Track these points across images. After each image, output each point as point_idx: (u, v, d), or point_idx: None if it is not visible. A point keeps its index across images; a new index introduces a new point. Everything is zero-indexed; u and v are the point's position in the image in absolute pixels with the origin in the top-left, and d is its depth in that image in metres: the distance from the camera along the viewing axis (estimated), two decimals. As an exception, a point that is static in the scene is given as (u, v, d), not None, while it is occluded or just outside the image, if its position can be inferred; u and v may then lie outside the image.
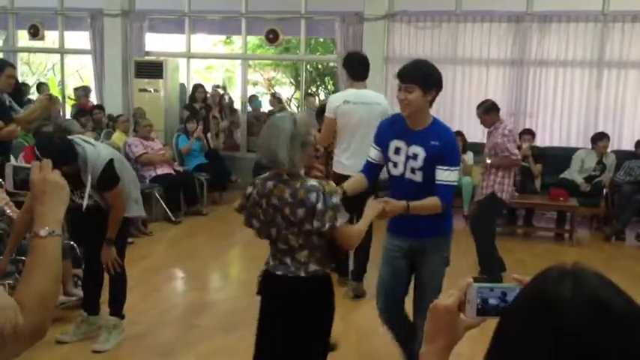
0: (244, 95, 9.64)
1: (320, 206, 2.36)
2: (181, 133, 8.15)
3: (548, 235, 7.35)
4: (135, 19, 9.28)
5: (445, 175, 2.88)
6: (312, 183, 2.41)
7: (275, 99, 9.98)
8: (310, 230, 2.40)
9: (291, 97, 13.96)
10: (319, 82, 14.51)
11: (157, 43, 9.97)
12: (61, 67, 10.47)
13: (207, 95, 9.00)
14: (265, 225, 2.50)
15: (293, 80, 14.37)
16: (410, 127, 2.96)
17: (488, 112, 5.30)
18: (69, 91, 10.38)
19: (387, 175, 3.19)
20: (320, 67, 13.95)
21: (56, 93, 10.42)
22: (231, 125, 9.39)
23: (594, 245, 6.81)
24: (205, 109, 8.68)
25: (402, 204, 2.82)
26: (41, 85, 9.68)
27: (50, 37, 10.43)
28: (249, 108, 9.67)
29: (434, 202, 2.88)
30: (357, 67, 4.72)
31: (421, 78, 2.88)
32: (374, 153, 3.16)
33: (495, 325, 0.91)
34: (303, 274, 2.49)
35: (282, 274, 2.51)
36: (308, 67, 12.26)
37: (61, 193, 1.31)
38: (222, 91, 9.43)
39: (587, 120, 8.05)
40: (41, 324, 1.20)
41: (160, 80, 8.91)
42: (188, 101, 8.99)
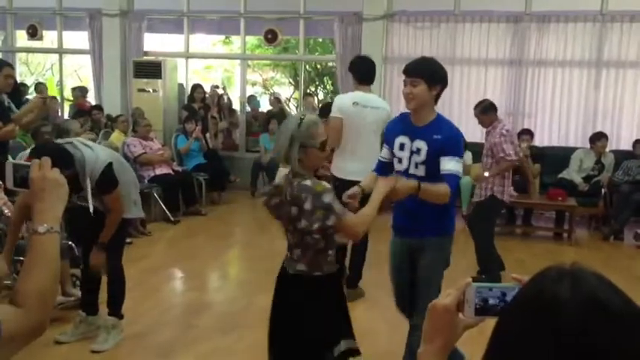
0: (243, 95, 9.64)
1: (308, 206, 2.36)
2: (180, 133, 8.15)
3: (546, 235, 7.35)
4: (133, 19, 9.28)
5: (451, 165, 2.86)
6: (305, 183, 2.40)
7: (275, 99, 9.98)
8: (303, 229, 2.41)
9: (290, 97, 13.95)
10: (318, 82, 14.50)
11: (155, 43, 9.96)
12: (60, 67, 10.46)
13: (206, 95, 9.00)
14: (277, 218, 2.58)
15: (292, 80, 14.36)
16: (414, 124, 3.00)
17: (485, 111, 5.31)
18: (67, 92, 10.36)
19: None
20: (319, 67, 13.94)
21: (55, 93, 10.42)
22: (230, 125, 9.40)
23: (593, 245, 6.81)
24: (204, 109, 8.67)
25: (413, 183, 2.78)
26: (39, 85, 9.66)
27: (49, 37, 10.41)
28: (247, 108, 9.67)
29: (444, 188, 2.82)
30: (364, 72, 4.65)
31: (427, 72, 2.93)
32: (385, 152, 3.20)
33: (494, 325, 0.91)
34: (290, 271, 2.52)
35: (284, 266, 2.59)
36: (307, 67, 12.25)
37: (61, 190, 1.31)
38: (221, 92, 9.42)
39: (585, 120, 8.06)
40: (40, 322, 1.20)
41: (159, 80, 8.91)
42: (187, 101, 8.98)
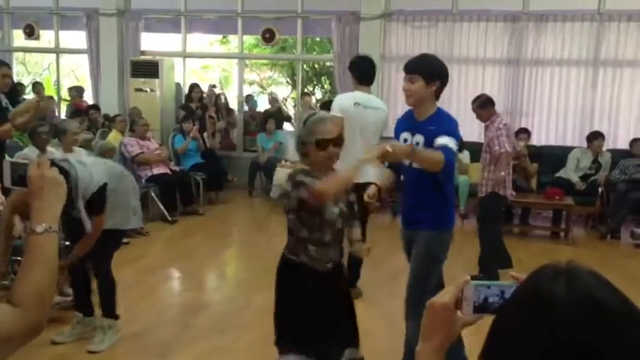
0: (240, 95, 9.63)
1: (289, 188, 2.63)
2: (177, 132, 8.14)
3: (544, 234, 7.36)
4: (131, 18, 9.27)
5: (444, 140, 2.83)
6: (289, 171, 2.75)
7: (272, 99, 9.98)
8: (287, 212, 2.66)
9: (288, 96, 13.94)
10: (316, 82, 14.49)
11: (152, 42, 9.95)
12: (57, 66, 10.43)
13: (204, 95, 8.98)
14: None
15: (289, 80, 14.36)
16: (416, 119, 3.04)
17: (483, 106, 5.32)
18: (64, 91, 10.34)
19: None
20: (316, 66, 13.94)
21: (52, 93, 10.42)
22: (228, 125, 9.39)
23: (590, 244, 6.83)
24: (201, 108, 8.66)
25: (406, 146, 2.81)
26: (37, 85, 9.64)
27: (46, 37, 10.40)
28: (245, 107, 9.66)
29: (439, 155, 2.79)
30: (364, 71, 4.62)
31: (424, 69, 2.98)
32: None
33: (491, 322, 0.91)
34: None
35: None
36: (304, 66, 12.23)
37: (59, 190, 1.30)
38: (218, 91, 9.41)
39: (582, 119, 8.07)
40: (38, 322, 1.20)
41: (156, 80, 8.89)
42: (184, 101, 8.96)
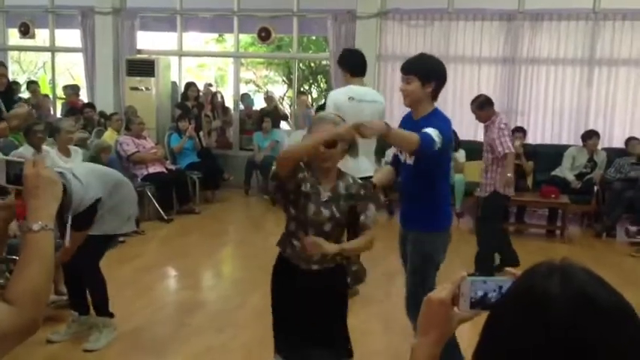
0: (237, 93, 9.62)
1: None
2: (173, 131, 8.13)
3: (539, 232, 7.38)
4: (126, 16, 9.25)
5: (429, 130, 2.78)
6: None
7: (268, 97, 9.98)
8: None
9: (284, 95, 13.94)
10: (312, 81, 14.49)
11: (148, 41, 9.91)
12: (52, 65, 10.40)
13: (200, 94, 8.97)
14: None
15: (285, 78, 14.35)
16: (414, 118, 3.06)
17: (482, 107, 5.28)
18: (60, 90, 10.31)
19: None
20: (312, 65, 13.93)
21: (47, 91, 10.38)
22: (224, 124, 9.38)
23: (585, 242, 6.85)
24: (197, 107, 8.65)
25: (382, 123, 2.75)
26: (32, 84, 9.61)
27: (41, 36, 10.35)
28: (241, 106, 9.65)
29: (415, 136, 2.75)
30: (356, 64, 4.55)
31: (420, 70, 2.97)
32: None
33: (485, 319, 0.91)
34: None
35: None
36: (300, 65, 12.22)
37: (55, 188, 1.31)
38: (214, 90, 9.41)
39: (578, 117, 8.09)
40: (33, 320, 1.20)
41: (152, 78, 8.87)
42: (180, 99, 8.95)
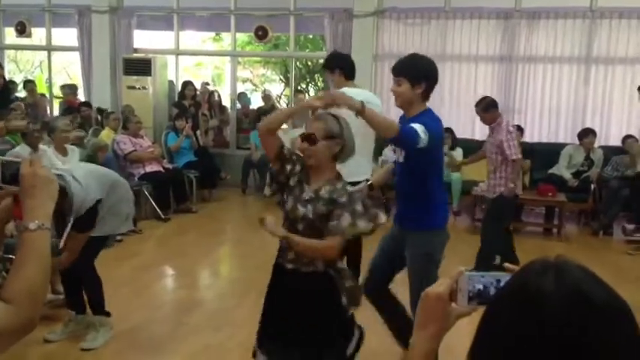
0: (234, 92, 9.62)
1: None
2: (170, 130, 8.12)
3: (536, 230, 7.39)
4: (123, 15, 9.23)
5: (414, 124, 2.79)
6: None
7: (265, 96, 9.97)
8: None
9: (281, 94, 13.93)
10: (309, 79, 14.49)
11: (145, 39, 9.90)
12: (49, 64, 10.37)
13: (197, 92, 8.96)
14: None
15: (282, 77, 14.35)
16: (406, 118, 3.07)
17: (487, 109, 5.22)
18: (57, 89, 10.29)
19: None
20: (309, 63, 13.93)
21: (44, 90, 10.36)
22: (221, 123, 9.37)
23: (582, 240, 6.86)
24: (194, 106, 8.64)
25: (357, 101, 2.71)
26: (28, 83, 9.59)
27: (37, 34, 10.33)
28: (238, 105, 9.64)
29: (393, 123, 2.81)
30: (350, 67, 4.50)
31: (410, 72, 2.97)
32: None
33: (481, 316, 0.92)
34: None
35: None
36: (297, 63, 12.23)
37: (51, 187, 1.31)
38: (211, 89, 9.40)
39: (575, 116, 8.10)
40: (30, 319, 1.20)
41: (149, 77, 8.86)
42: (177, 98, 8.94)
